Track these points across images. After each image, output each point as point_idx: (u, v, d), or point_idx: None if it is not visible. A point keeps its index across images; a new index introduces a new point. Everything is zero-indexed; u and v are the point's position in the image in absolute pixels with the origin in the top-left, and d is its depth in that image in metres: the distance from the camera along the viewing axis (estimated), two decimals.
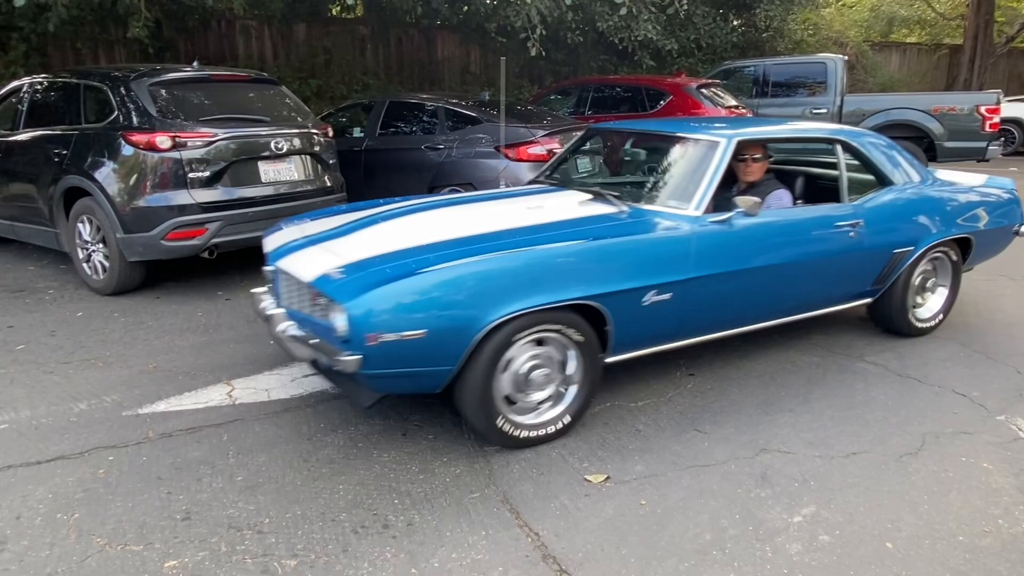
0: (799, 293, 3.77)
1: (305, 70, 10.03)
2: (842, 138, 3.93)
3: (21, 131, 5.55)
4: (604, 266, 2.98)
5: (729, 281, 3.34)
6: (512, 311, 2.71)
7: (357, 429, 3.12)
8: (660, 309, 3.13)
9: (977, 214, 4.27)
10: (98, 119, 4.98)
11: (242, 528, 2.43)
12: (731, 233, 3.32)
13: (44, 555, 2.28)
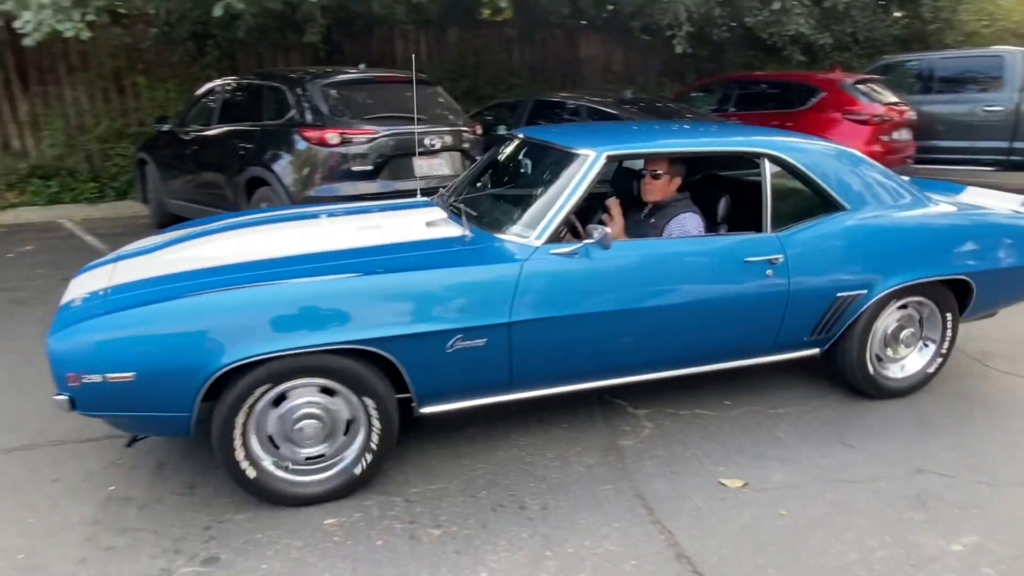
0: (691, 343, 2.94)
1: (456, 71, 10.34)
2: (770, 151, 2.96)
3: (213, 127, 6.15)
4: (391, 305, 2.42)
5: (577, 327, 2.64)
6: (248, 356, 2.23)
7: (493, 414, 3.19)
8: (475, 357, 2.51)
9: (982, 249, 3.19)
10: (277, 116, 5.42)
11: (391, 495, 2.57)
12: (579, 269, 2.61)
13: (224, 502, 2.53)
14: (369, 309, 2.38)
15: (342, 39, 9.53)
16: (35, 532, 2.36)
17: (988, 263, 3.20)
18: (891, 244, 3.06)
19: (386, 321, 2.37)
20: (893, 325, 3.21)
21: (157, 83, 8.79)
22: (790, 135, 3.49)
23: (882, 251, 3.04)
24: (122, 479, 2.67)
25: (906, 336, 3.24)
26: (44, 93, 8.64)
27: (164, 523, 2.41)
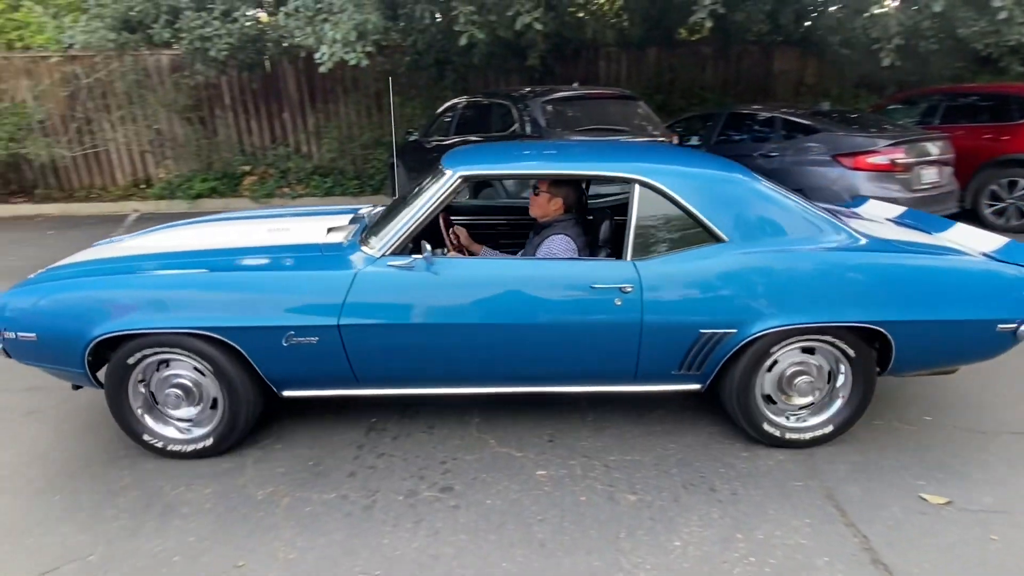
0: (535, 362, 2.60)
1: (651, 87, 10.09)
2: (640, 177, 2.52)
3: (450, 137, 6.58)
4: (232, 298, 2.43)
5: (410, 335, 2.50)
6: (118, 330, 2.37)
7: (686, 401, 3.08)
8: (310, 352, 2.47)
9: (906, 297, 2.48)
10: (503, 129, 5.66)
11: (592, 459, 2.59)
12: (411, 282, 2.45)
13: (455, 443, 2.71)
14: (213, 301, 2.43)
15: (554, 62, 9.70)
16: (321, 445, 2.71)
17: (911, 313, 2.46)
18: (771, 282, 2.46)
19: (225, 313, 2.41)
20: (790, 370, 2.59)
21: (407, 101, 9.61)
22: (677, 160, 2.88)
23: (759, 289, 2.45)
24: (380, 413, 2.97)
25: (801, 384, 2.59)
26: (326, 110, 9.84)
27: (411, 453, 2.65)
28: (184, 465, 2.57)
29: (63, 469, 2.57)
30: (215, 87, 9.46)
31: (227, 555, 2.07)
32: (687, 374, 2.61)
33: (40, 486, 2.46)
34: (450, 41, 7.45)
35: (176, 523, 2.23)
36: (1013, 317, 2.47)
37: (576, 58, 10.06)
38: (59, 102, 9.28)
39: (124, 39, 7.20)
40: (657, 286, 2.45)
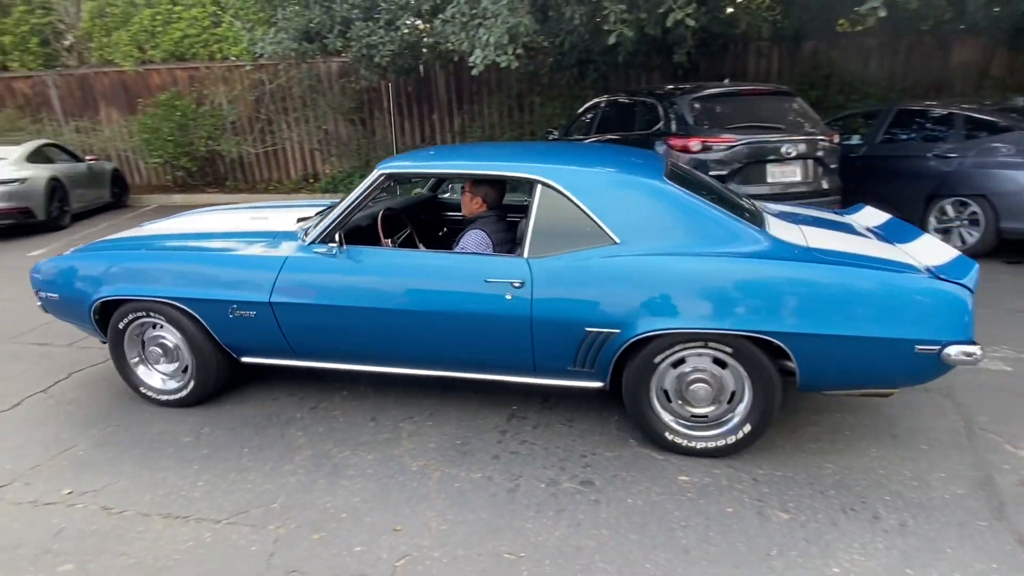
0: (437, 347, 2.69)
1: (806, 83, 9.34)
2: (541, 177, 2.56)
3: (591, 136, 6.54)
4: (192, 274, 2.85)
5: (330, 315, 2.72)
6: (110, 295, 2.90)
7: (842, 418, 2.82)
8: (251, 324, 2.80)
9: (811, 307, 2.27)
10: (647, 127, 5.52)
11: (739, 470, 2.45)
12: (327, 268, 2.71)
13: (595, 439, 2.69)
14: (178, 275, 2.86)
15: (700, 58, 9.30)
16: (467, 426, 2.82)
17: (811, 326, 2.27)
18: (658, 286, 2.38)
19: (186, 286, 2.83)
20: (690, 376, 2.47)
21: (547, 101, 9.70)
22: (583, 161, 2.86)
23: (644, 292, 2.38)
24: (520, 402, 3.03)
25: (698, 392, 2.46)
26: (471, 111, 10.21)
27: (552, 443, 2.67)
28: (349, 431, 2.80)
29: (249, 424, 2.90)
30: (376, 91, 10.17)
31: (386, 518, 2.21)
32: (583, 371, 2.58)
33: (229, 439, 2.79)
34: (595, 40, 7.40)
35: (343, 483, 2.42)
36: (932, 338, 2.20)
37: (724, 53, 9.57)
38: (247, 106, 10.47)
39: (304, 48, 7.94)
40: (547, 283, 2.48)
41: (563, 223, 2.53)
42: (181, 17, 10.14)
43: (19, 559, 2.07)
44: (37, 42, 10.61)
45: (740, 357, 2.40)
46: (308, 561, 2.02)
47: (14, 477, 2.54)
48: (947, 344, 2.20)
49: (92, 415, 3.04)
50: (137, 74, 10.58)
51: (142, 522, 2.23)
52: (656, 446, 2.58)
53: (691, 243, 2.44)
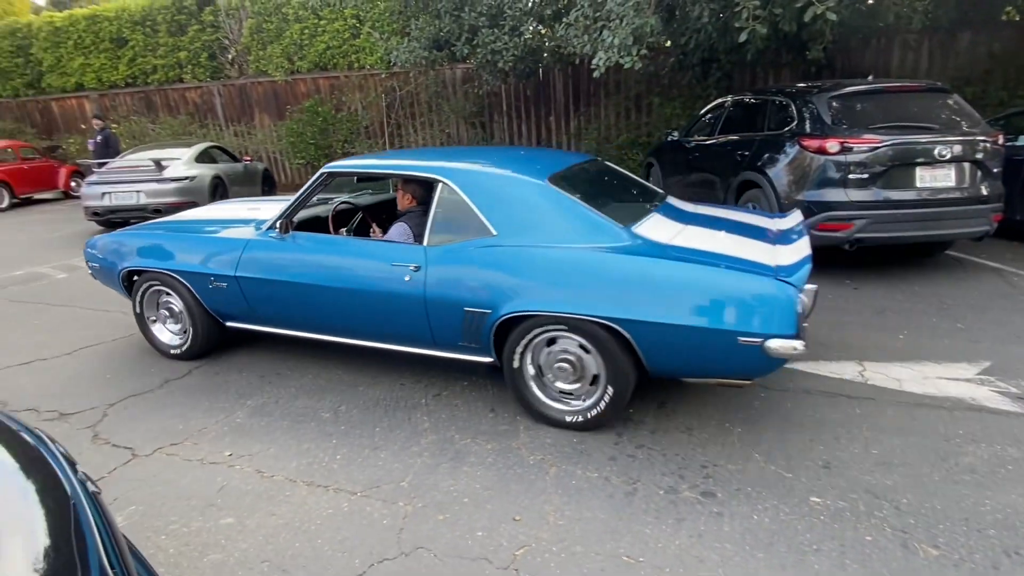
0: (358, 321, 3.12)
1: (960, 78, 8.35)
2: (440, 177, 2.96)
3: (714, 137, 6.27)
4: (185, 252, 3.55)
5: (275, 287, 3.25)
6: (130, 266, 3.68)
7: (1002, 450, 2.50)
8: (225, 293, 3.42)
9: (650, 297, 2.47)
10: (777, 127, 5.20)
11: (879, 497, 2.24)
12: (275, 249, 3.28)
13: (717, 450, 2.58)
14: (178, 253, 3.57)
15: (836, 53, 8.61)
16: (587, 430, 2.81)
17: (646, 314, 2.47)
18: (523, 273, 2.68)
19: (180, 261, 3.54)
20: (558, 356, 2.73)
21: (667, 102, 9.43)
22: (482, 162, 3.12)
23: (511, 278, 2.69)
24: (637, 405, 2.97)
25: (563, 370, 2.74)
26: (588, 113, 10.16)
27: (670, 450, 2.59)
28: (470, 420, 2.89)
29: (380, 406, 3.08)
30: (496, 95, 10.41)
31: (505, 507, 2.26)
32: (472, 346, 2.88)
33: (363, 418, 2.98)
34: (722, 39, 7.08)
35: (465, 469, 2.50)
36: (754, 331, 2.33)
37: (864, 48, 8.81)
38: (379, 111, 11.12)
39: (433, 56, 8.30)
40: (437, 268, 2.83)
41: (454, 216, 2.89)
42: (325, 30, 10.97)
43: (191, 509, 2.33)
44: (206, 57, 11.94)
45: (594, 341, 2.60)
46: (434, 540, 2.10)
47: (186, 436, 2.87)
48: (769, 337, 2.32)
49: (248, 388, 3.36)
50: (286, 83, 11.59)
51: (289, 487, 2.44)
52: (588, 429, 2.43)
53: (557, 237, 2.72)
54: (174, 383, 3.48)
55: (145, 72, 12.48)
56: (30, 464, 0.92)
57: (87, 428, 2.99)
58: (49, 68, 13.22)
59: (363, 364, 3.59)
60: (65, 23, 12.79)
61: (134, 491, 2.45)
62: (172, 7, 11.78)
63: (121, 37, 12.37)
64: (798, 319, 2.33)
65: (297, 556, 2.05)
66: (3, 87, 13.87)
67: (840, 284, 4.76)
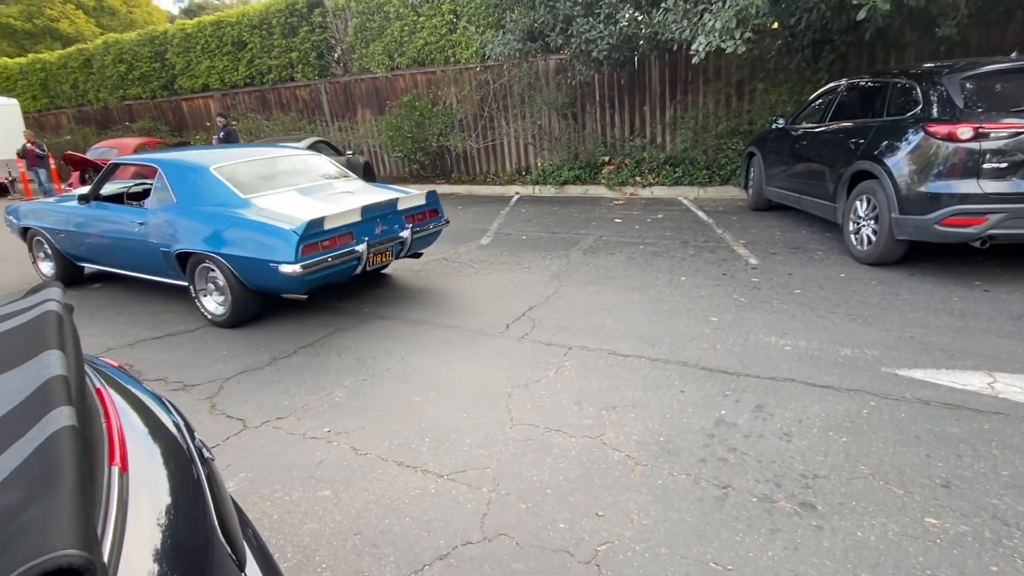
0: (119, 257, 5.09)
1: None
2: (156, 166, 4.70)
3: (825, 123, 5.83)
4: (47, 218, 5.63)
5: (79, 236, 5.29)
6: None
7: None
8: (64, 241, 5.49)
9: (226, 238, 4.16)
10: (899, 112, 4.75)
11: (1009, 525, 2.00)
12: (81, 213, 5.20)
13: (818, 460, 2.41)
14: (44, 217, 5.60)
15: (970, 30, 7.72)
16: (671, 425, 2.72)
17: (221, 248, 4.15)
18: (185, 225, 4.38)
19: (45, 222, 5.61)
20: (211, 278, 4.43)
21: (772, 87, 8.88)
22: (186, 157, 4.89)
23: (179, 229, 4.41)
24: (730, 407, 2.83)
25: (215, 286, 4.44)
26: (684, 101, 9.77)
27: (765, 456, 2.45)
28: (554, 411, 2.88)
29: (467, 393, 3.14)
30: (589, 85, 10.26)
31: (588, 501, 2.23)
32: (176, 274, 4.58)
33: (451, 404, 3.05)
34: (837, 17, 6.56)
35: (548, 460, 2.50)
36: (274, 259, 3.88)
37: (1008, 22, 7.83)
38: (473, 104, 11.30)
39: (527, 48, 8.31)
40: (150, 223, 4.60)
41: (161, 189, 4.62)
42: (424, 27, 11.27)
43: (292, 479, 2.50)
44: (315, 56, 12.64)
45: (217, 267, 4.23)
46: (516, 528, 2.12)
47: (290, 412, 3.08)
48: (280, 263, 3.84)
49: (346, 369, 3.55)
50: (386, 79, 12.04)
51: (381, 465, 2.55)
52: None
53: (206, 203, 4.37)
54: (281, 361, 3.73)
55: (261, 72, 13.42)
56: (156, 429, 1.01)
57: (206, 399, 3.28)
58: (180, 71, 14.54)
59: (451, 355, 3.68)
60: (194, 30, 14.00)
61: (244, 459, 2.66)
62: (285, 10, 12.56)
63: (241, 40, 13.37)
64: (297, 252, 3.83)
65: (386, 532, 2.14)
66: (143, 89, 15.44)
67: (969, 285, 4.29)
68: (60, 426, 0.63)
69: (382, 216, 4.46)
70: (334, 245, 4.07)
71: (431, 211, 4.99)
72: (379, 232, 4.43)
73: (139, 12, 29.86)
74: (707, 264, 5.23)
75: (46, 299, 1.03)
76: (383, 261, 4.54)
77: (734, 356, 3.38)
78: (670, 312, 4.12)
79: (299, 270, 3.79)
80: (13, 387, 0.73)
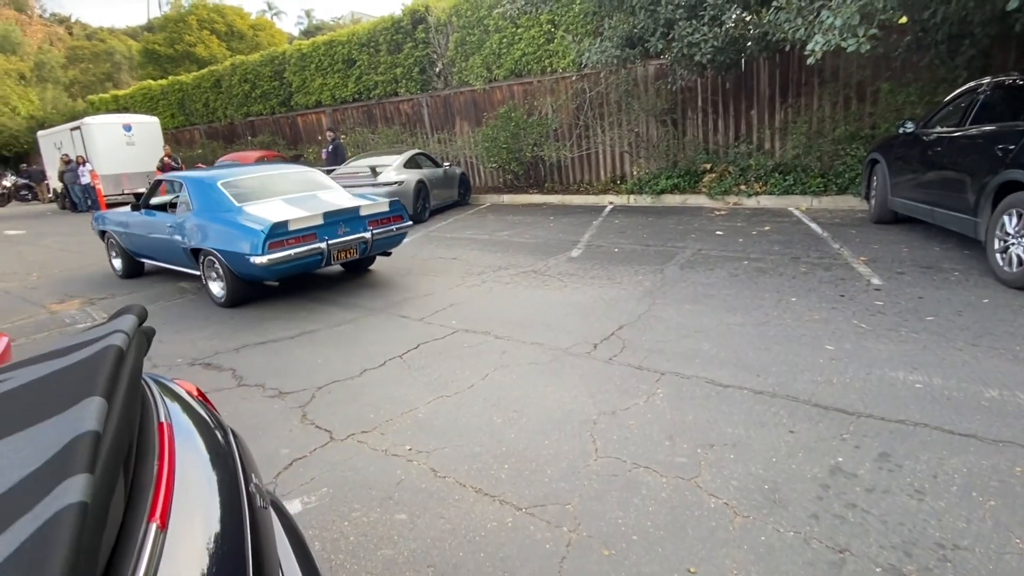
0: (160, 253, 6.48)
1: None
2: (182, 180, 6.13)
3: (967, 127, 5.14)
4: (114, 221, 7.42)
5: (133, 236, 6.83)
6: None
7: None
8: (127, 240, 7.05)
9: (220, 237, 5.36)
10: None
11: None
12: (134, 217, 6.83)
13: (959, 526, 2.03)
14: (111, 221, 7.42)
15: None
16: (777, 470, 2.42)
17: (215, 244, 5.40)
18: (194, 228, 5.68)
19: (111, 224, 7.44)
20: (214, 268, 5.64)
21: (899, 88, 8.04)
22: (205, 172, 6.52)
23: (194, 231, 5.67)
24: (849, 454, 2.49)
25: (217, 275, 5.61)
26: (796, 104, 9.09)
27: (892, 516, 2.11)
28: (643, 445, 2.67)
29: (551, 420, 2.99)
30: (691, 90, 9.82)
31: (679, 554, 2.01)
32: (194, 265, 5.93)
33: (533, 430, 2.92)
34: (980, 8, 5.79)
35: (635, 502, 2.30)
36: (247, 253, 5.04)
37: None
38: (568, 113, 11.18)
39: (625, 54, 8.07)
40: (175, 226, 5.96)
41: (184, 201, 5.94)
42: (521, 38, 11.32)
43: (371, 499, 2.47)
44: (417, 71, 13.07)
45: (216, 259, 5.46)
46: None
47: (375, 426, 3.08)
48: (250, 256, 5.03)
49: (431, 383, 3.52)
50: (484, 91, 12.21)
51: (459, 491, 2.47)
52: None
53: (213, 211, 5.63)
54: (370, 372, 3.78)
55: (368, 88, 14.08)
56: (210, 476, 0.96)
57: (298, 408, 3.37)
58: (296, 88, 15.59)
59: (535, 375, 3.55)
60: (309, 49, 14.97)
61: (327, 473, 2.68)
62: (391, 28, 13.10)
63: (351, 58, 14.10)
64: (264, 247, 4.96)
65: (459, 567, 2.04)
66: (264, 106, 16.71)
67: None
68: (67, 503, 0.56)
69: (345, 220, 5.52)
70: (298, 243, 5.18)
71: (395, 216, 5.98)
72: (341, 233, 5.48)
73: (264, 35, 32.52)
74: (821, 283, 4.75)
75: (114, 330, 1.02)
76: (348, 257, 5.65)
77: (854, 393, 2.99)
78: (778, 338, 3.75)
79: (266, 261, 4.96)
80: (43, 443, 0.68)
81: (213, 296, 5.69)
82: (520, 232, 8.19)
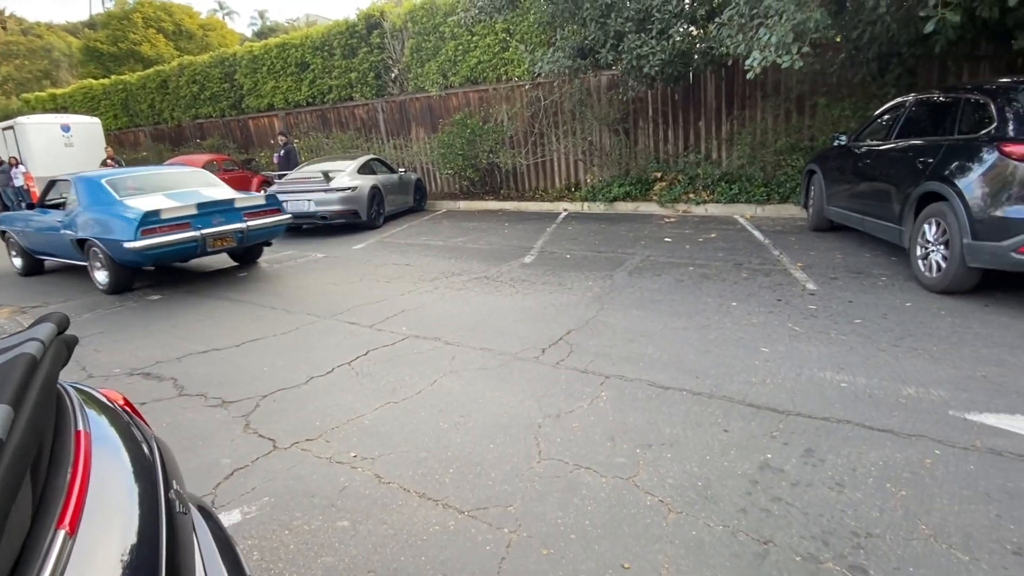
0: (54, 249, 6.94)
1: None
2: (71, 179, 6.57)
3: (890, 141, 5.47)
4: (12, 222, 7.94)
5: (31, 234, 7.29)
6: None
7: None
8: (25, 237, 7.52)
9: (101, 226, 5.95)
10: (972, 130, 4.38)
11: None
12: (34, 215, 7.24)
13: (873, 515, 2.17)
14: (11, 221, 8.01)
15: None
16: (710, 468, 2.53)
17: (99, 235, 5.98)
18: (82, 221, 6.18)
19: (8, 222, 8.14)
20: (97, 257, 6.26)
21: (835, 102, 8.46)
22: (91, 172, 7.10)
23: (80, 224, 6.19)
24: (777, 450, 2.62)
25: (102, 265, 6.22)
26: (741, 116, 9.45)
27: (812, 509, 2.24)
28: (586, 447, 2.74)
29: (496, 426, 3.03)
30: (642, 101, 10.08)
31: (615, 551, 2.08)
32: (81, 257, 6.40)
33: (481, 435, 2.96)
34: (903, 30, 6.17)
35: (575, 502, 2.36)
36: (119, 239, 5.69)
37: None
38: (523, 121, 11.30)
39: (577, 65, 8.23)
40: (64, 221, 6.40)
41: (71, 196, 6.46)
42: (477, 45, 11.39)
43: (313, 506, 2.46)
44: (372, 76, 12.98)
45: (99, 248, 6.02)
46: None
47: (320, 433, 3.06)
48: (124, 242, 5.61)
49: (378, 390, 3.52)
50: (440, 98, 12.22)
51: (403, 496, 2.48)
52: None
53: (98, 204, 6.16)
54: (317, 380, 3.74)
55: (322, 92, 13.89)
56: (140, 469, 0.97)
57: (241, 417, 3.31)
58: (248, 91, 15.24)
59: (483, 380, 3.59)
60: (261, 51, 14.67)
61: (269, 483, 2.65)
62: (346, 32, 12.98)
63: (304, 61, 13.89)
64: (136, 233, 5.57)
65: (400, 571, 2.06)
66: (213, 109, 16.27)
67: None
68: None
69: (221, 211, 6.07)
70: (172, 231, 5.75)
71: (272, 209, 6.59)
72: (216, 223, 6.02)
73: (214, 35, 31.65)
74: (761, 289, 4.96)
75: (29, 339, 1.01)
76: (225, 246, 6.24)
77: (785, 392, 3.15)
78: (717, 341, 3.90)
79: (139, 246, 5.56)
80: None
81: (97, 283, 6.34)
82: (474, 238, 8.23)
